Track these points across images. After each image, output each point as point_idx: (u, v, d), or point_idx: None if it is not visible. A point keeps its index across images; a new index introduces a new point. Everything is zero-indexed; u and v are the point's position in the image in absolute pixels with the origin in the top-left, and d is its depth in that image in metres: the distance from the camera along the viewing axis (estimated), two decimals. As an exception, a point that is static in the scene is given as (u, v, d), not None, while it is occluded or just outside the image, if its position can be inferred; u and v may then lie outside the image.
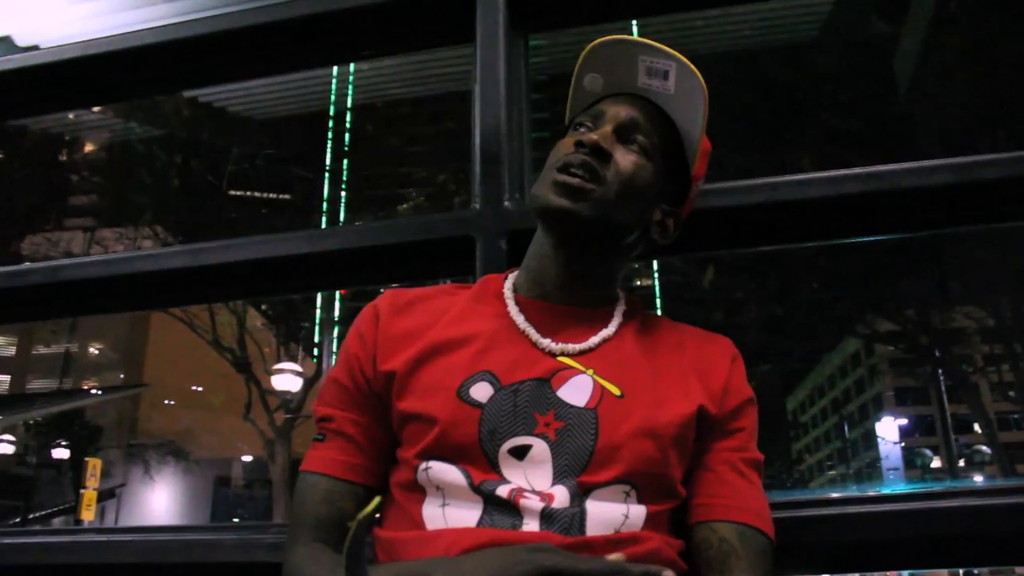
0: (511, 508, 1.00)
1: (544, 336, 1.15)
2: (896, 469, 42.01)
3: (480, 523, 1.01)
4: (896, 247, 16.70)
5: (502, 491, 1.01)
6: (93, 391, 26.18)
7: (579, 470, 1.03)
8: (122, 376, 31.60)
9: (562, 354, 1.13)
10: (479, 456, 1.04)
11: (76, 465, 21.49)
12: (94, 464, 16.77)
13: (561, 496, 1.02)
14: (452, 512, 1.03)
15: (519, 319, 1.17)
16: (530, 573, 0.84)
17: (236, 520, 23.25)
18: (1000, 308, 18.51)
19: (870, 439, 50.61)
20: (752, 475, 1.14)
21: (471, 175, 1.61)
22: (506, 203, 1.53)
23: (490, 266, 1.46)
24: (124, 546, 1.56)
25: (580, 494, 1.02)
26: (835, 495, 1.34)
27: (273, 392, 18.70)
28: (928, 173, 1.44)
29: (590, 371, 1.11)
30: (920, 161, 1.45)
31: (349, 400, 1.16)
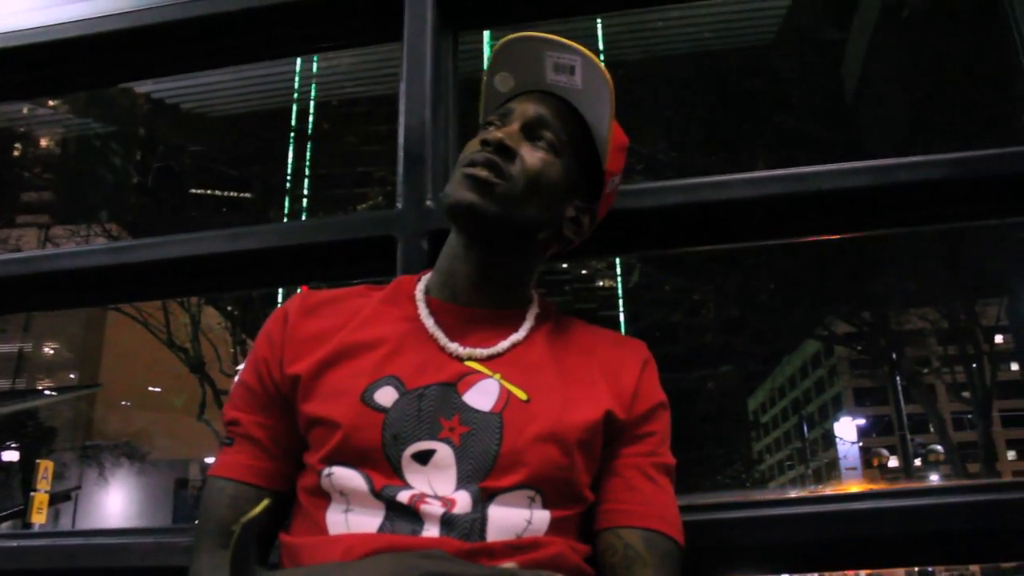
0: (412, 514, 0.99)
1: (452, 340, 1.13)
2: (854, 469, 42.50)
3: (381, 529, 0.99)
4: (852, 249, 16.92)
5: (403, 497, 1.00)
6: (47, 391, 25.73)
7: (483, 475, 1.02)
8: (72, 376, 31.15)
9: (469, 359, 1.12)
10: (381, 461, 1.03)
11: (27, 467, 21.12)
12: (46, 466, 16.47)
13: (463, 501, 1.00)
14: (354, 518, 1.01)
15: (428, 322, 1.15)
16: None
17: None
18: (954, 310, 18.81)
19: (829, 439, 51.18)
20: (662, 480, 1.13)
21: (396, 174, 1.59)
22: (428, 203, 1.51)
23: (411, 266, 1.44)
24: (33, 552, 1.52)
25: (483, 499, 1.01)
26: (792, 495, 1.35)
27: (225, 393, 18.56)
28: (848, 175, 1.44)
29: (497, 376, 1.10)
30: (839, 163, 1.46)
31: (256, 403, 1.14)
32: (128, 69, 2.04)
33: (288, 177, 22.94)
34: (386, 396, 1.06)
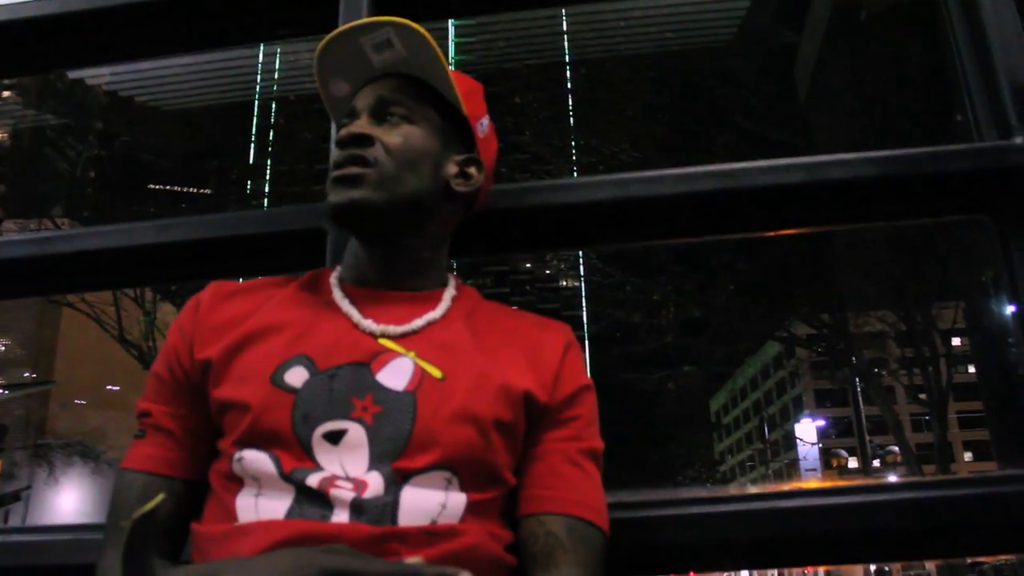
0: (321, 498, 0.98)
1: (365, 316, 1.12)
2: (814, 470, 43.03)
3: (289, 514, 0.98)
4: (811, 252, 17.11)
5: (312, 480, 0.98)
6: (-2, 389, 25.32)
7: (396, 455, 1.01)
8: (26, 374, 30.64)
9: (383, 335, 1.11)
10: (292, 442, 1.01)
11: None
12: (-6, 464, 16.22)
13: (375, 483, 0.99)
14: (264, 503, 1.00)
15: (343, 303, 1.15)
16: (314, 575, 0.80)
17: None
18: (911, 313, 19.06)
19: (790, 440, 51.76)
20: (588, 465, 1.12)
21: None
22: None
23: (341, 259, 1.42)
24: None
25: (397, 481, 1.00)
26: (750, 491, 1.34)
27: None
28: (781, 172, 1.44)
29: (411, 354, 1.09)
30: (772, 160, 1.46)
31: (167, 393, 1.13)
32: (74, 54, 2.00)
33: (250, 173, 22.78)
34: (296, 376, 1.05)
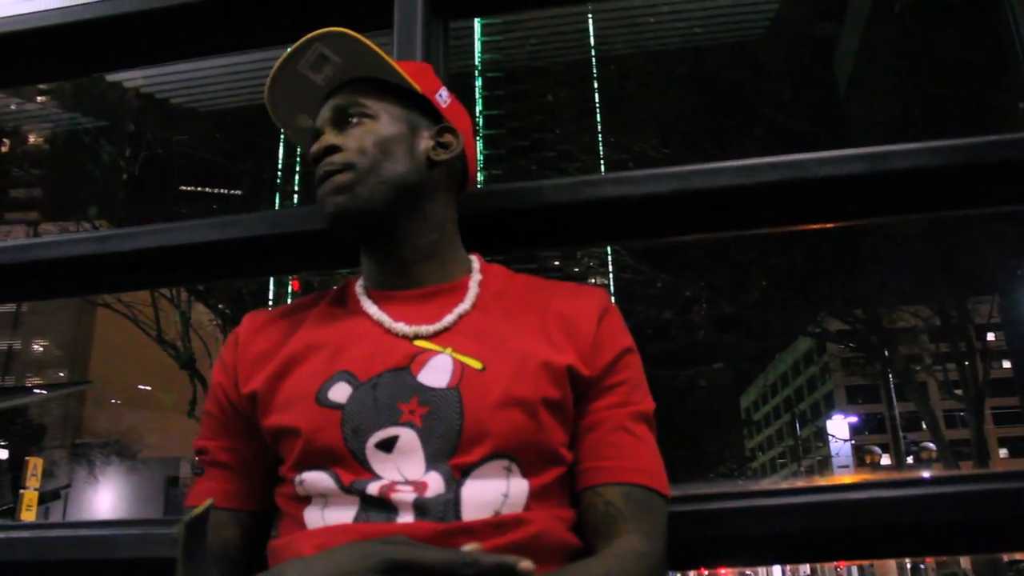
0: (384, 504, 0.99)
1: (397, 321, 1.12)
2: (846, 467, 42.63)
3: (356, 520, 0.99)
4: (845, 246, 16.95)
5: (372, 489, 1.00)
6: (36, 389, 25.63)
7: (450, 452, 1.01)
8: (62, 374, 31.06)
9: (417, 337, 1.11)
10: (346, 457, 1.03)
11: (16, 465, 21.06)
12: (35, 463, 16.43)
13: (435, 483, 1.00)
14: (331, 513, 1.02)
15: (371, 309, 1.15)
16: (376, 566, 0.81)
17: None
18: (946, 307, 18.85)
19: (821, 437, 51.37)
20: (640, 429, 1.11)
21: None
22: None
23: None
24: (13, 544, 1.50)
25: (456, 477, 1.00)
26: (782, 486, 1.33)
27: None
28: (843, 162, 1.42)
29: (448, 350, 1.09)
30: (834, 150, 1.44)
31: (220, 429, 1.16)
32: (118, 57, 2.02)
33: (279, 172, 22.89)
34: (340, 392, 1.06)
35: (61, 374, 31.02)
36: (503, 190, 1.46)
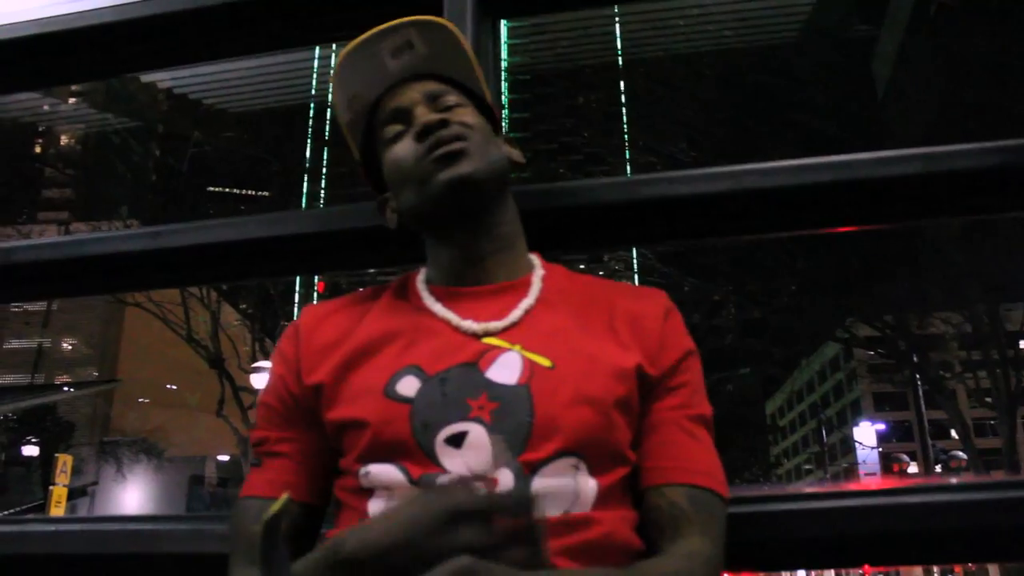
0: None
1: (464, 319, 1.12)
2: (873, 474, 42.24)
3: None
4: (875, 251, 16.80)
5: (443, 481, 0.99)
6: (65, 387, 25.90)
7: (520, 449, 1.00)
8: (95, 374, 31.35)
9: (486, 334, 1.11)
10: (415, 451, 1.02)
11: (46, 462, 21.30)
12: (64, 460, 16.58)
13: (505, 479, 0.99)
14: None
15: (436, 307, 1.15)
16: (438, 516, 0.81)
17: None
18: (977, 314, 18.64)
19: (848, 444, 50.95)
20: (700, 431, 1.11)
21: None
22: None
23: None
24: (67, 537, 1.51)
25: (525, 474, 0.99)
26: (811, 489, 1.31)
27: (248, 390, 18.59)
28: (899, 163, 1.41)
29: (516, 347, 1.08)
30: (890, 151, 1.43)
31: (280, 420, 1.15)
32: (154, 57, 2.02)
33: (305, 175, 22.98)
34: (409, 386, 1.06)
35: (95, 373, 31.33)
36: (558, 188, 1.46)
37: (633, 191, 1.45)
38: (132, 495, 25.91)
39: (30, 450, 23.12)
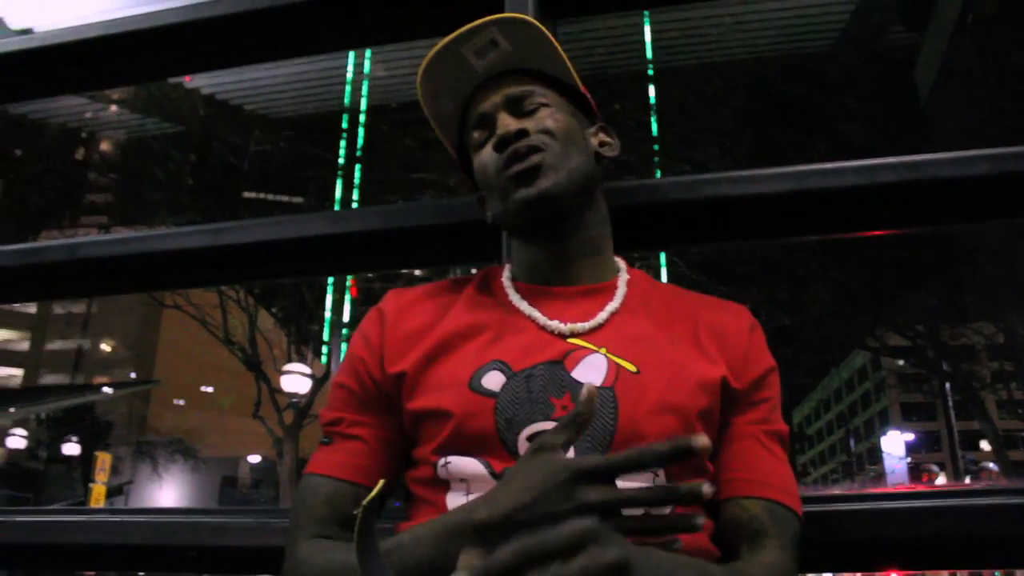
0: None
1: (551, 319, 1.12)
2: (901, 484, 41.79)
3: None
4: (908, 260, 16.61)
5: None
6: (104, 387, 26.19)
7: (602, 452, 1.00)
8: (133, 374, 31.68)
9: (572, 335, 1.11)
10: (497, 446, 1.02)
11: (86, 460, 21.57)
12: (104, 458, 16.79)
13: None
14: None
15: (522, 305, 1.15)
16: (570, 478, 0.82)
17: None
18: (1011, 325, 18.38)
19: (875, 454, 50.46)
20: (777, 448, 1.11)
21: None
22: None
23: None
24: (134, 527, 1.53)
25: None
26: (857, 491, 1.31)
27: (281, 392, 18.72)
28: (966, 163, 1.40)
29: (602, 350, 1.08)
30: (957, 151, 1.42)
31: (356, 403, 1.15)
32: (199, 61, 2.06)
33: (339, 180, 23.07)
34: (494, 380, 1.05)
35: (132, 375, 31.65)
36: (621, 187, 1.46)
37: (696, 190, 1.45)
38: (166, 494, 26.13)
39: (69, 449, 23.42)
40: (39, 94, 2.24)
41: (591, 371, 1.06)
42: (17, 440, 23.17)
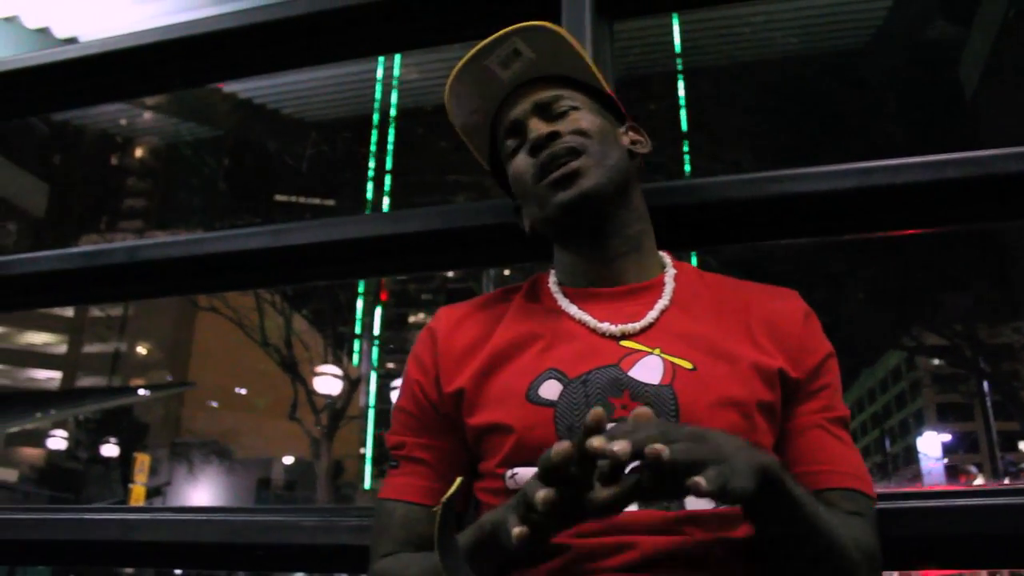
0: None
1: (602, 321, 1.12)
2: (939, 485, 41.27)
3: None
4: (946, 259, 16.40)
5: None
6: (141, 390, 26.49)
7: None
8: (168, 377, 32.01)
9: (624, 336, 1.11)
10: None
11: (124, 461, 21.84)
12: (143, 459, 17.01)
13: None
14: None
15: (572, 309, 1.15)
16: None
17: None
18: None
19: (911, 454, 49.86)
20: (843, 434, 1.10)
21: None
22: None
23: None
24: (203, 525, 1.56)
25: None
26: (897, 490, 1.30)
27: (316, 393, 18.86)
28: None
29: (656, 350, 1.08)
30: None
31: (417, 425, 1.17)
32: (242, 66, 2.08)
33: (369, 183, 23.17)
34: (551, 390, 1.06)
35: (167, 377, 31.98)
36: (684, 186, 1.46)
37: (759, 188, 1.44)
38: (202, 496, 26.32)
39: (108, 450, 23.72)
40: (85, 102, 2.28)
41: (647, 371, 1.06)
42: (57, 441, 23.51)
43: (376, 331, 23.42)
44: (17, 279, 1.87)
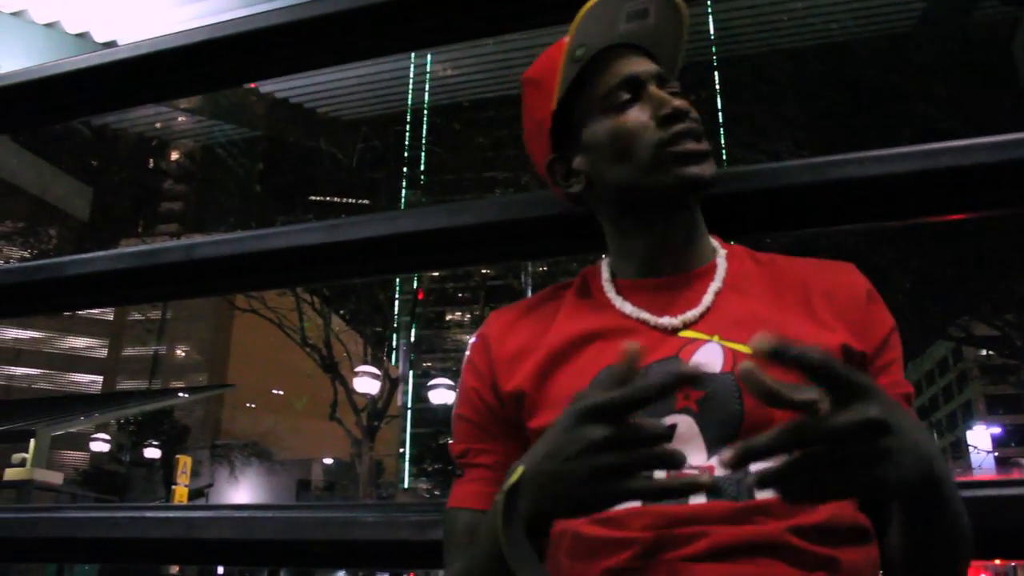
0: None
1: (658, 315, 1.11)
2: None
3: (644, 504, 0.98)
4: (997, 246, 16.13)
5: (659, 474, 0.96)
6: (180, 392, 26.85)
7: (732, 438, 0.98)
8: (202, 379, 32.39)
9: (683, 326, 1.09)
10: None
11: (166, 463, 22.16)
12: (185, 461, 17.19)
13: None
14: None
15: (627, 307, 1.13)
16: (573, 422, 0.84)
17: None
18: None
19: (959, 448, 49.18)
20: (911, 411, 1.06)
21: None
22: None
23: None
24: (261, 523, 1.56)
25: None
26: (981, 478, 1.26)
27: (356, 393, 19.01)
28: None
29: (715, 337, 1.06)
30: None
31: (477, 432, 1.16)
32: (284, 64, 2.07)
33: (403, 183, 23.28)
34: None
35: (201, 378, 32.39)
36: (745, 172, 1.43)
37: (823, 173, 1.41)
38: (243, 497, 26.63)
39: (151, 452, 24.07)
40: (125, 104, 2.29)
41: (707, 359, 1.04)
42: (100, 444, 23.90)
43: (412, 329, 23.54)
44: (69, 280, 1.88)
